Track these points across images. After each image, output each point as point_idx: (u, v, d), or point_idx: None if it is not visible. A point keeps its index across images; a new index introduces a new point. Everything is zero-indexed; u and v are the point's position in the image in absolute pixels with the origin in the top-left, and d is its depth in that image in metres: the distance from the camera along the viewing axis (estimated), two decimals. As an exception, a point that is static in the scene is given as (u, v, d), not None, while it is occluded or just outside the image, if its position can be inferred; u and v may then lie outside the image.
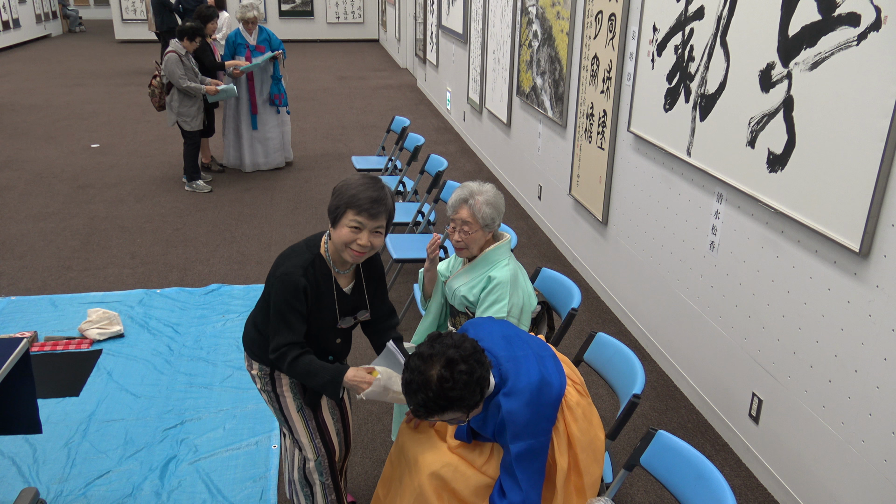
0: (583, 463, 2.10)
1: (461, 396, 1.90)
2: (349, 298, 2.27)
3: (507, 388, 2.01)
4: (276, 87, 6.98)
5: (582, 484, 2.11)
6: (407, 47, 13.67)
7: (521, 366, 2.05)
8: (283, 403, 2.32)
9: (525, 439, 1.99)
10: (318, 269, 2.18)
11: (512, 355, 2.09)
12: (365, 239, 2.10)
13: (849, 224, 2.41)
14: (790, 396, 2.83)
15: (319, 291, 2.17)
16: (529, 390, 2.00)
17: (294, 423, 2.32)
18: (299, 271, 2.12)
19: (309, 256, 2.17)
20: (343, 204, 2.09)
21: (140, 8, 17.34)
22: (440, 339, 1.96)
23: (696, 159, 3.34)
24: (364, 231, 2.09)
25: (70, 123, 9.20)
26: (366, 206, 2.06)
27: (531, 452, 2.00)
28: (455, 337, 1.97)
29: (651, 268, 3.94)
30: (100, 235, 5.59)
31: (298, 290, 2.11)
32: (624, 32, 4.04)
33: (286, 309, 2.12)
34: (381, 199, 2.09)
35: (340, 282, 2.24)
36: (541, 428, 2.01)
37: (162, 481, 2.97)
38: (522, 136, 6.20)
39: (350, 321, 2.30)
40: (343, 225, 2.09)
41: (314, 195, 6.60)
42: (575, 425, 2.07)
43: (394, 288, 4.70)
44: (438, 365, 1.90)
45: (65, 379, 3.67)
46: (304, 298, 2.13)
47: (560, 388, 2.06)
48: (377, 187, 2.10)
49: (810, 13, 2.54)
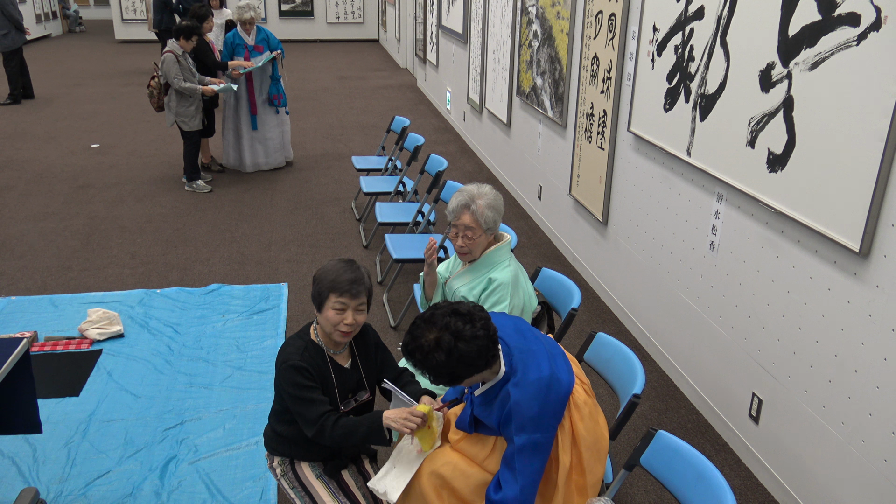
0: (586, 462, 2.10)
1: (465, 354, 1.96)
2: (350, 374, 2.37)
3: (517, 378, 2.03)
4: (274, 88, 6.98)
5: (584, 483, 2.11)
6: (407, 47, 13.67)
7: (532, 359, 2.07)
8: (301, 476, 2.38)
9: (529, 433, 2.00)
10: (313, 353, 2.30)
11: (525, 347, 2.11)
12: (350, 318, 2.22)
13: (849, 224, 2.41)
14: (790, 396, 2.83)
15: (320, 373, 2.29)
16: (539, 384, 2.01)
17: (315, 490, 2.36)
18: (296, 356, 2.25)
19: (302, 343, 2.30)
20: (325, 289, 2.22)
21: (140, 8, 17.34)
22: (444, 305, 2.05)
23: (696, 159, 3.34)
24: (348, 310, 2.22)
25: (70, 123, 9.20)
26: (346, 287, 2.19)
27: (534, 447, 2.01)
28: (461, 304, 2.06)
29: (651, 268, 3.94)
30: (100, 235, 5.59)
31: (300, 370, 2.22)
32: (624, 32, 4.04)
33: (300, 390, 2.22)
34: (359, 280, 2.22)
35: (339, 360, 2.36)
36: (546, 423, 2.02)
37: (162, 481, 2.97)
38: (522, 136, 6.20)
39: (351, 403, 2.37)
40: (328, 308, 2.22)
41: (314, 195, 6.60)
42: (581, 424, 2.08)
43: (394, 288, 4.70)
44: (435, 329, 1.98)
45: (65, 379, 3.67)
46: (311, 375, 2.24)
47: (569, 386, 2.07)
48: (354, 268, 2.24)
49: (810, 13, 2.54)
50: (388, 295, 4.60)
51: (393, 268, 4.93)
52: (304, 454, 2.38)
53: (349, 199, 6.47)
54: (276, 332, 4.14)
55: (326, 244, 5.46)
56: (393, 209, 5.10)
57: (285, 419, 2.35)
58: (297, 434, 2.34)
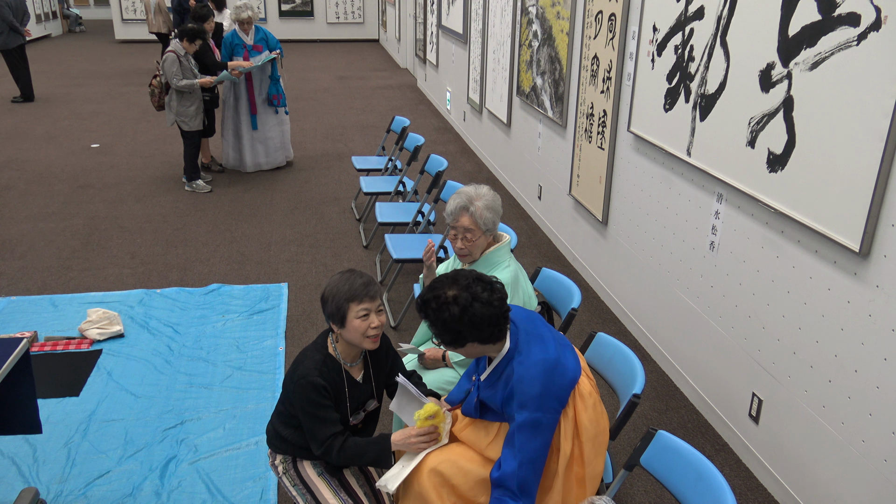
0: (587, 454, 2.11)
1: (477, 314, 2.02)
2: (362, 387, 2.39)
3: (522, 357, 2.07)
4: (274, 88, 6.98)
5: (584, 475, 2.12)
6: (407, 47, 13.67)
7: (539, 341, 2.11)
8: (303, 474, 2.40)
9: (531, 411, 2.03)
10: (331, 367, 2.31)
11: (534, 331, 2.15)
12: (375, 320, 2.24)
13: (849, 224, 2.41)
14: (790, 396, 2.83)
15: (336, 388, 2.31)
16: (544, 364, 2.05)
17: (317, 487, 2.38)
18: (314, 372, 2.25)
19: (320, 357, 2.31)
20: (343, 301, 2.22)
21: (140, 8, 17.34)
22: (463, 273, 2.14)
23: (696, 159, 3.34)
24: (371, 314, 2.24)
25: (70, 123, 9.19)
26: (363, 292, 2.22)
27: (535, 426, 2.03)
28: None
29: (651, 268, 3.94)
30: (100, 235, 5.59)
31: (318, 388, 2.23)
32: (624, 32, 4.04)
33: (314, 408, 2.24)
34: (371, 282, 2.25)
35: (353, 374, 2.37)
36: (549, 405, 2.04)
37: (162, 481, 2.97)
38: (522, 136, 6.20)
39: (360, 415, 2.40)
40: (351, 318, 2.22)
41: (314, 195, 6.60)
42: (585, 414, 2.10)
43: (394, 288, 4.70)
44: (457, 287, 2.07)
45: (65, 379, 3.67)
46: (327, 394, 2.25)
47: (574, 373, 2.09)
48: (361, 274, 2.27)
49: (810, 13, 2.54)
50: (388, 295, 4.60)
51: (393, 268, 4.93)
52: (306, 453, 2.39)
53: (349, 199, 6.47)
54: (276, 332, 4.14)
55: (326, 244, 5.46)
56: (393, 209, 5.10)
57: (290, 423, 2.36)
58: (299, 438, 2.35)
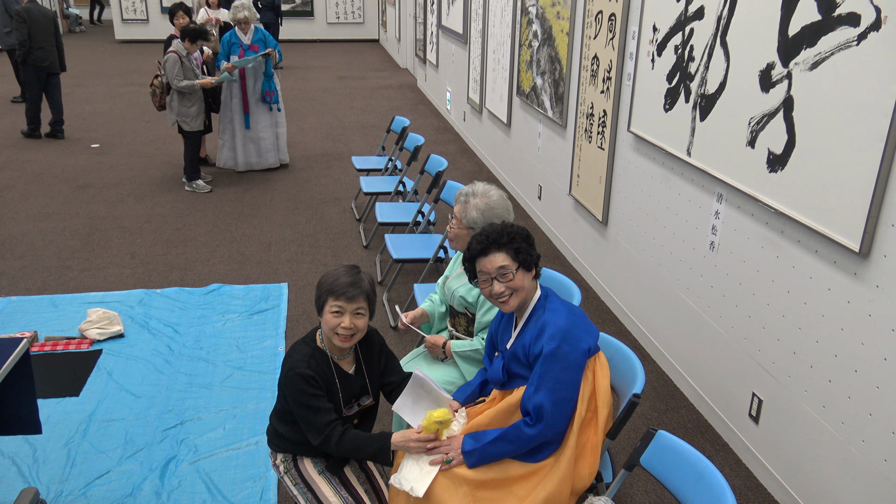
0: (601, 419, 2.19)
1: (520, 243, 2.23)
2: (353, 379, 2.38)
3: (551, 304, 2.25)
4: (267, 84, 6.96)
5: (597, 442, 2.19)
6: (407, 47, 13.67)
7: (566, 313, 2.22)
8: (303, 473, 2.39)
9: (559, 342, 2.12)
10: (319, 359, 2.31)
11: (564, 306, 2.25)
12: (347, 321, 2.23)
13: (849, 224, 2.41)
14: (790, 396, 2.83)
15: (326, 379, 2.31)
16: (571, 308, 2.25)
17: (318, 486, 2.37)
18: (303, 363, 2.27)
19: (308, 350, 2.32)
20: (324, 293, 2.25)
21: (140, 8, 17.33)
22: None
23: (696, 159, 3.34)
24: (346, 314, 2.23)
25: (70, 123, 9.19)
26: (342, 290, 2.22)
27: (563, 358, 2.11)
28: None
29: (651, 268, 3.94)
30: (100, 235, 5.59)
31: (307, 379, 2.24)
32: (624, 32, 4.04)
33: (307, 398, 2.24)
34: (356, 283, 2.24)
35: (343, 366, 2.37)
36: (578, 337, 2.15)
37: (162, 481, 2.97)
38: (522, 136, 6.20)
39: (354, 408, 2.39)
40: (326, 312, 2.25)
41: (314, 195, 6.60)
42: (604, 381, 2.20)
43: (394, 288, 4.70)
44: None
45: (65, 379, 3.67)
46: (317, 383, 2.26)
47: (596, 336, 2.25)
48: (353, 273, 2.27)
49: (810, 13, 2.54)
50: (388, 295, 4.60)
51: (393, 268, 4.93)
52: (306, 451, 2.39)
53: (349, 199, 6.47)
54: (276, 333, 4.14)
55: (326, 244, 5.46)
56: (393, 209, 5.10)
57: (286, 420, 2.36)
58: (297, 435, 2.35)
